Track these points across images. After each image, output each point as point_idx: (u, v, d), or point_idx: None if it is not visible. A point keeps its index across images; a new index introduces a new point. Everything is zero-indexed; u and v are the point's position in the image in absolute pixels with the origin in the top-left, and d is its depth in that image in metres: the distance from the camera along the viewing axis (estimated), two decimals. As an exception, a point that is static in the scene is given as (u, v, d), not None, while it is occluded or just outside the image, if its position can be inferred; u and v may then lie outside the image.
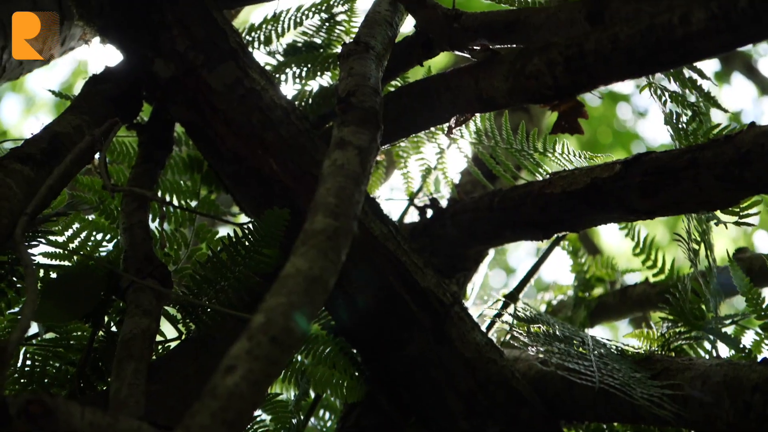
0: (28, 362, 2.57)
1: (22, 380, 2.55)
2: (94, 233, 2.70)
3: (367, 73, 2.39)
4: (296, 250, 1.77)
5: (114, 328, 2.62)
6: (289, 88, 3.12)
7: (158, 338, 2.49)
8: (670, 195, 2.57)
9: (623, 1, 2.33)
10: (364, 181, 2.02)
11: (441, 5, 2.69)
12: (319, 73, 3.12)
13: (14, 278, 2.52)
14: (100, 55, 2.83)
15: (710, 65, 9.40)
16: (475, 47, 2.60)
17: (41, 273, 2.56)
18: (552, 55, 2.36)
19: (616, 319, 3.98)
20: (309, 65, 3.13)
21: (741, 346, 2.79)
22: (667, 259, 3.65)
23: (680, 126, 2.71)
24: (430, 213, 3.36)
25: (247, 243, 2.49)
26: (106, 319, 2.60)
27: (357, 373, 2.81)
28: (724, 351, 2.85)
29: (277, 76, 3.12)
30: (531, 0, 2.66)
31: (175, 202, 3.00)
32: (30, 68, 3.23)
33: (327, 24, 3.18)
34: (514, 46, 2.55)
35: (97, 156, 2.57)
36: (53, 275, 2.55)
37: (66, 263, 2.61)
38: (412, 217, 3.45)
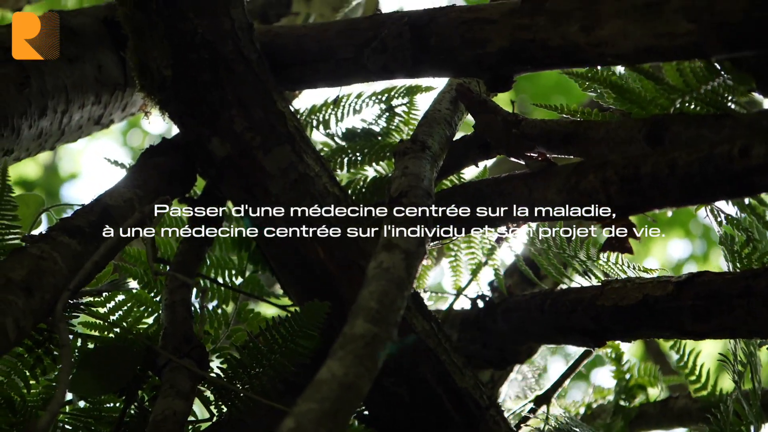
0: (58, 431, 2.57)
1: (50, 450, 2.55)
2: (136, 306, 2.70)
3: (420, 174, 2.38)
4: (333, 353, 1.77)
5: (146, 402, 2.61)
6: (343, 174, 3.13)
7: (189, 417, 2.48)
8: (723, 321, 2.53)
9: (684, 125, 2.32)
10: (409, 287, 2.01)
11: (502, 109, 2.68)
12: (374, 162, 3.12)
13: (51, 345, 2.52)
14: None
15: None
16: (532, 155, 2.59)
17: (79, 342, 2.57)
18: (608, 174, 2.33)
19: (655, 430, 3.92)
20: (366, 151, 3.13)
21: (779, 474, 2.76)
22: (711, 372, 3.61)
23: (735, 248, 2.69)
24: (481, 304, 3.34)
25: (284, 332, 2.48)
26: (139, 393, 2.59)
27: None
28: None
29: (334, 159, 3.12)
30: (594, 113, 2.64)
31: (220, 280, 2.99)
32: (89, 131, 3.25)
33: (387, 113, 3.18)
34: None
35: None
36: (90, 345, 2.55)
37: (106, 334, 2.61)
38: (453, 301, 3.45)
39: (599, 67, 2.53)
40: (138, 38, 2.62)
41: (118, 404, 2.62)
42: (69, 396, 2.57)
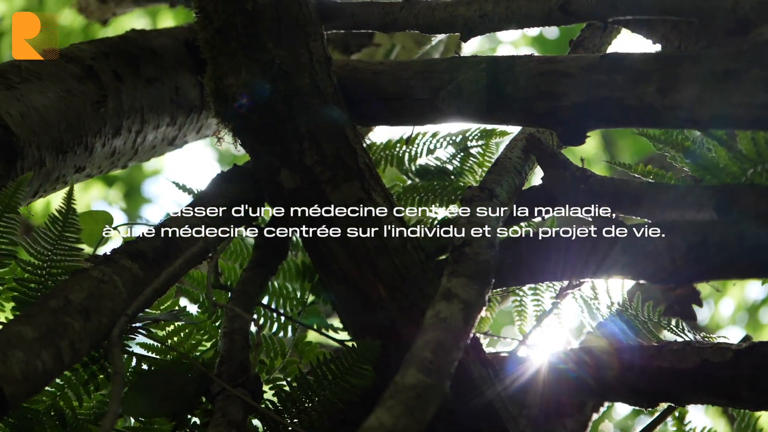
0: (104, 447, 2.57)
1: (93, 466, 2.56)
2: (194, 332, 2.71)
3: (486, 223, 2.37)
4: (384, 402, 1.77)
5: (195, 425, 2.62)
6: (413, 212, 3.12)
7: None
8: (780, 393, 2.50)
9: (755, 197, 2.29)
10: (465, 338, 2.00)
11: (571, 163, 2.67)
12: (445, 203, 3.10)
13: (106, 362, 2.54)
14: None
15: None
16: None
17: (134, 361, 2.58)
18: (674, 239, 2.31)
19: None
20: (438, 191, 3.11)
21: None
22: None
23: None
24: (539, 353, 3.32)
25: (335, 369, 2.49)
26: (190, 418, 2.60)
27: None
28: None
29: (405, 198, 3.11)
30: (669, 176, 2.62)
31: (280, 309, 2.99)
32: (162, 152, 3.28)
33: (461, 154, 3.18)
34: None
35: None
36: (144, 366, 2.57)
37: (163, 357, 2.62)
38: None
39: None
40: (216, 64, 2.63)
41: (164, 426, 2.63)
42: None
